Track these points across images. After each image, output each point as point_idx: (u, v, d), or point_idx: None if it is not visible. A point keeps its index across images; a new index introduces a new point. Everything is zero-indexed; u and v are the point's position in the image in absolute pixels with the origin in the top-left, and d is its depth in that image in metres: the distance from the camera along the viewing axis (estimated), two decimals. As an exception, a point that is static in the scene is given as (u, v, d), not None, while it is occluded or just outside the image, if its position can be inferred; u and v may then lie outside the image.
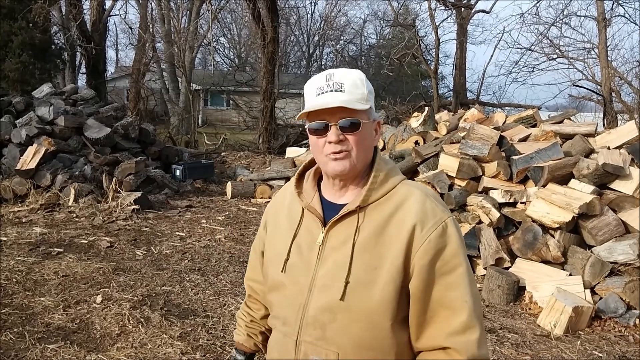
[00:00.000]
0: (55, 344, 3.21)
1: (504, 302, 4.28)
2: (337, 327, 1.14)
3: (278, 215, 1.33)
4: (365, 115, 1.18)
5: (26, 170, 6.86)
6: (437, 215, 1.15)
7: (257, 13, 12.06)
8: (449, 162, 5.39)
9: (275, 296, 1.26)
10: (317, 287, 1.17)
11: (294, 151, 9.58)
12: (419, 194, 1.18)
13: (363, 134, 1.17)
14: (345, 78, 1.17)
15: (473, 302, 1.12)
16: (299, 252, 1.21)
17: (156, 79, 19.94)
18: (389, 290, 1.11)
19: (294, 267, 1.21)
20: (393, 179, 1.21)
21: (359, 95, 1.17)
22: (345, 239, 1.16)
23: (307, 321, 1.17)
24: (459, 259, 1.13)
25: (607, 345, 3.61)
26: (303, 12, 30.20)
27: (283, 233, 1.27)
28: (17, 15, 11.47)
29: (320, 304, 1.16)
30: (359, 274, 1.13)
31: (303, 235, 1.23)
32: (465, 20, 16.27)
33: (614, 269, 4.17)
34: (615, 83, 12.65)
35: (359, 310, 1.12)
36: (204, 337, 3.40)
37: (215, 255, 5.20)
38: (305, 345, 1.17)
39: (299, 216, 1.25)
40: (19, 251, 4.99)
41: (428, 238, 1.11)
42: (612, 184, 4.66)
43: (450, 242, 1.13)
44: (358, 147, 1.17)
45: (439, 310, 1.12)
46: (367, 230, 1.15)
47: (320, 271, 1.17)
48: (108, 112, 8.87)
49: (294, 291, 1.20)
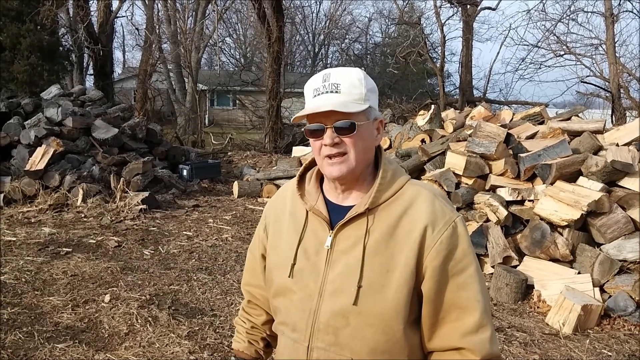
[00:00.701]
0: (64, 343, 3.24)
1: (512, 300, 4.25)
2: (351, 332, 1.12)
3: (279, 217, 1.29)
4: (364, 115, 1.16)
5: (35, 171, 6.92)
6: (447, 215, 1.14)
7: (263, 13, 12.08)
8: (456, 160, 5.37)
9: (282, 302, 1.23)
10: (327, 292, 1.14)
11: (301, 150, 9.58)
12: (427, 193, 1.17)
13: (360, 135, 1.15)
14: (342, 78, 1.15)
15: (484, 301, 1.12)
16: (305, 256, 1.19)
17: (163, 79, 20.00)
18: (402, 293, 1.10)
19: (301, 271, 1.18)
20: (400, 179, 1.19)
21: (356, 95, 1.14)
22: (355, 242, 1.14)
23: (318, 327, 1.15)
24: (469, 258, 1.13)
25: (617, 344, 3.58)
26: (308, 11, 30.20)
27: (287, 236, 1.24)
28: (25, 17, 11.57)
29: (332, 309, 1.13)
30: (372, 278, 1.11)
31: (309, 238, 1.20)
32: (471, 18, 16.19)
33: (623, 266, 4.13)
34: (624, 79, 12.54)
35: (372, 315, 1.11)
36: (211, 336, 3.41)
37: (222, 255, 5.21)
38: (317, 352, 1.15)
39: (304, 219, 1.22)
40: (28, 251, 5.04)
41: (440, 239, 1.11)
42: (621, 181, 4.62)
43: (460, 241, 1.13)
44: (355, 149, 1.14)
45: (452, 311, 1.11)
46: (377, 232, 1.13)
47: (330, 275, 1.15)
48: (115, 113, 8.92)
49: (303, 296, 1.17)
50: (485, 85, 17.47)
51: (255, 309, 1.43)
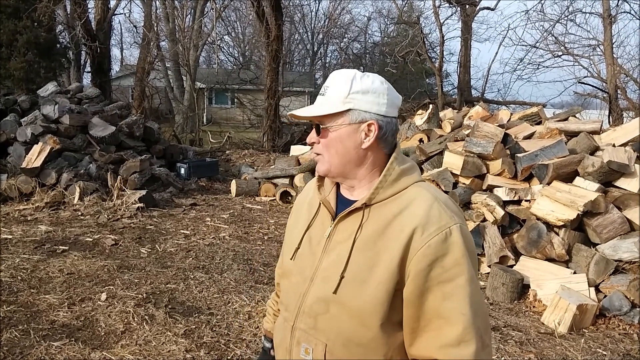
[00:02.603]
0: (60, 341, 3.23)
1: (508, 300, 4.27)
2: (329, 319, 1.16)
3: (301, 205, 1.37)
4: (342, 117, 1.16)
5: (31, 168, 6.90)
6: (443, 220, 1.10)
7: (261, 11, 12.06)
8: (454, 160, 5.38)
9: (284, 283, 1.31)
10: (318, 278, 1.19)
11: (299, 149, 9.57)
12: (428, 197, 1.15)
13: (334, 138, 1.17)
14: (333, 79, 1.18)
15: (472, 315, 1.06)
16: (309, 242, 1.25)
17: (161, 77, 19.97)
18: (381, 291, 1.10)
19: (302, 256, 1.25)
20: (405, 179, 1.18)
21: (334, 97, 1.16)
22: (349, 235, 1.16)
23: (303, 310, 1.20)
24: (461, 269, 1.07)
25: (612, 344, 3.59)
26: (307, 10, 30.15)
27: (300, 223, 1.31)
28: (22, 14, 11.52)
29: (317, 295, 1.18)
30: (356, 271, 1.13)
31: (316, 227, 1.25)
32: (470, 18, 16.21)
33: (619, 266, 4.15)
34: (621, 80, 12.58)
35: (349, 307, 1.13)
36: (208, 334, 3.42)
37: (219, 253, 5.21)
38: (299, 332, 1.21)
39: (316, 208, 1.28)
40: (24, 249, 5.03)
41: (427, 243, 1.08)
42: (617, 181, 4.64)
43: (452, 249, 1.08)
44: (328, 151, 1.18)
45: (434, 320, 1.09)
46: (369, 228, 1.15)
47: (323, 263, 1.19)
48: (113, 111, 8.90)
49: (299, 280, 1.23)
50: (484, 85, 17.53)
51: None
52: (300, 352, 1.20)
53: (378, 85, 1.17)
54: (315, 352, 1.17)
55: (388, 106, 1.17)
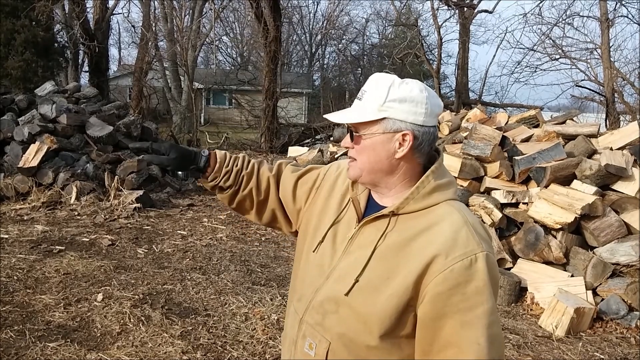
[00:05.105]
0: (56, 342, 3.21)
1: (506, 302, 4.27)
2: (336, 318, 1.16)
3: (334, 189, 1.33)
4: (377, 126, 1.13)
5: (28, 168, 6.87)
6: (470, 246, 1.06)
7: (260, 12, 12.06)
8: (451, 162, 5.38)
9: (304, 268, 1.29)
10: (333, 277, 1.19)
11: (296, 150, 9.57)
12: (458, 218, 1.11)
13: (367, 145, 1.15)
14: (370, 85, 1.15)
15: (487, 346, 1.03)
16: (333, 239, 1.24)
17: (159, 77, 19.95)
18: (390, 303, 1.09)
19: (323, 251, 1.24)
20: (439, 194, 1.14)
21: (369, 105, 1.13)
22: (371, 241, 1.15)
23: (313, 305, 1.21)
24: (482, 298, 1.04)
25: (609, 347, 3.60)
26: (305, 11, 30.16)
27: (329, 213, 1.29)
28: (20, 13, 11.50)
29: (328, 293, 1.18)
30: (371, 278, 1.12)
31: (342, 224, 1.24)
32: (468, 20, 16.24)
33: (616, 270, 4.16)
34: (618, 84, 12.64)
35: (358, 312, 1.12)
36: (204, 336, 3.40)
37: (216, 254, 5.20)
38: (306, 326, 1.22)
39: (345, 204, 1.27)
40: (21, 249, 5.00)
41: (451, 267, 1.04)
42: (615, 185, 4.65)
43: (475, 277, 1.04)
44: (360, 157, 1.17)
45: (448, 346, 1.06)
46: (392, 238, 1.13)
47: (341, 263, 1.19)
48: (110, 111, 8.87)
49: (317, 274, 1.23)
50: (481, 87, 17.54)
51: (265, 172, 1.44)
52: (304, 346, 1.21)
53: (417, 93, 1.12)
54: (319, 348, 1.18)
55: (426, 115, 1.13)
